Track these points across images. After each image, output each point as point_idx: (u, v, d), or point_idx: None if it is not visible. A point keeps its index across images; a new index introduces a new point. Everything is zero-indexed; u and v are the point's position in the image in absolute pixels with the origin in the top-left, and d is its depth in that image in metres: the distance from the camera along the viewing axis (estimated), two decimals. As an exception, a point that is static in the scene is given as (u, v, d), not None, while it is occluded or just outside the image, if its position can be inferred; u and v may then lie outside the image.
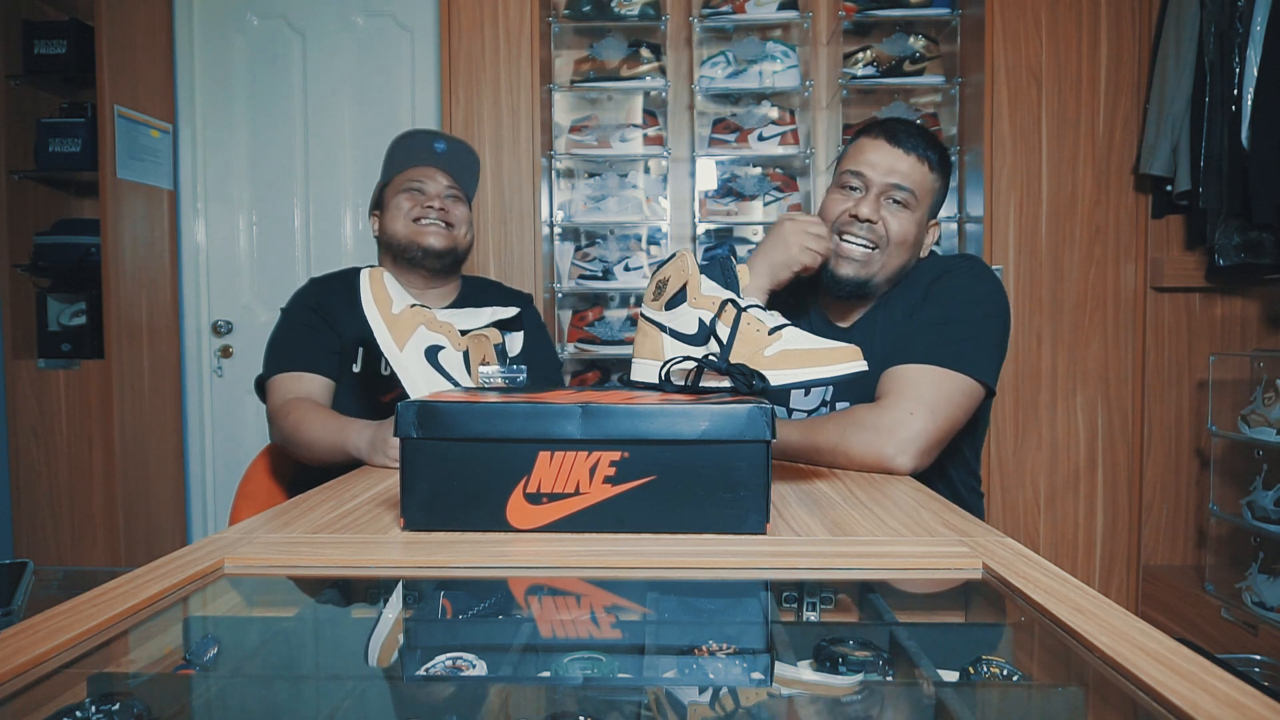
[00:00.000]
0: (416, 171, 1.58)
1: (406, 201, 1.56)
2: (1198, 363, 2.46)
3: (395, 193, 1.57)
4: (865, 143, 1.34)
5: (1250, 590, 2.06)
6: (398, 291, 1.20)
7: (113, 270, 2.58)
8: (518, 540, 0.78)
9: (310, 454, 1.35)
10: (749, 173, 2.61)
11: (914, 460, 1.15)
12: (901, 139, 1.31)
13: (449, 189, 1.59)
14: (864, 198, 1.31)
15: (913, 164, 1.30)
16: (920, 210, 1.32)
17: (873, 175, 1.30)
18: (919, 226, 1.33)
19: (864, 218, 1.30)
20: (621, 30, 2.56)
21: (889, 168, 1.30)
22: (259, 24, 2.93)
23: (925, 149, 1.31)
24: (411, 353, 1.14)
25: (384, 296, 1.17)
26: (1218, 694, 0.45)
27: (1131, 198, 2.40)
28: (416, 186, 1.57)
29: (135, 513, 2.68)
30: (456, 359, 1.16)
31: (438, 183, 1.58)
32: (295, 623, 0.72)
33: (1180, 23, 2.27)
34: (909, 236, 1.31)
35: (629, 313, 2.64)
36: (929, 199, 1.33)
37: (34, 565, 1.28)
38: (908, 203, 1.30)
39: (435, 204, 1.55)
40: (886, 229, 1.30)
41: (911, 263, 1.36)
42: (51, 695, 0.51)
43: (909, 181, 1.30)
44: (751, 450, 0.79)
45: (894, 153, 1.30)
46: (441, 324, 1.16)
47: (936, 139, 1.35)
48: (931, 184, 1.32)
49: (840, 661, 0.56)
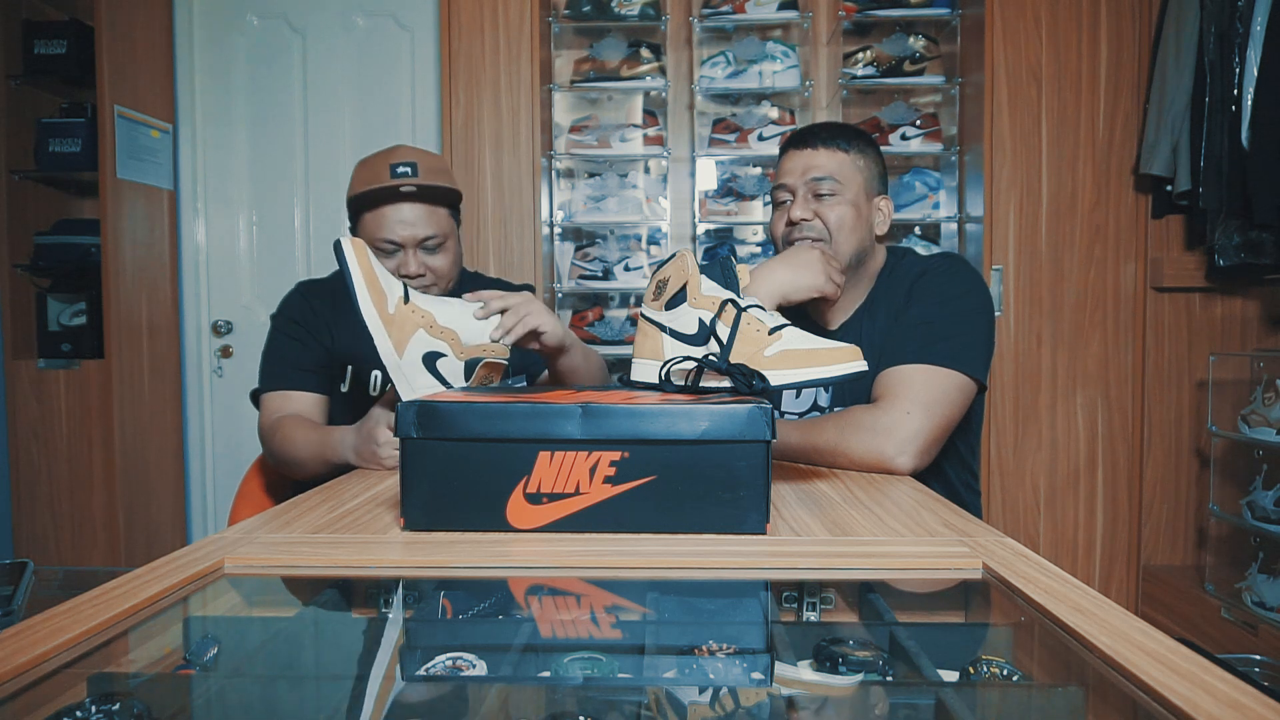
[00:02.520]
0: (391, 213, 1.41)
1: (384, 262, 1.42)
2: (1198, 363, 2.46)
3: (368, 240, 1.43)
4: (783, 159, 1.41)
5: (1250, 590, 2.06)
6: (384, 274, 1.13)
7: (113, 270, 2.58)
8: (518, 540, 0.78)
9: (302, 471, 1.34)
10: (749, 173, 2.61)
11: (914, 460, 1.16)
12: (808, 139, 1.38)
13: (425, 240, 1.43)
14: (793, 203, 1.37)
15: (825, 155, 1.36)
16: (850, 192, 1.36)
17: (793, 181, 1.38)
18: (855, 208, 1.37)
19: (797, 219, 1.36)
20: (621, 30, 2.56)
21: (804, 168, 1.37)
22: (259, 24, 2.93)
23: (834, 138, 1.37)
24: (410, 359, 1.12)
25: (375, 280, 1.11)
26: (1218, 694, 0.45)
27: (1131, 198, 2.40)
28: (388, 247, 1.42)
29: (135, 513, 2.68)
30: (457, 368, 1.14)
31: (413, 233, 1.42)
32: (295, 623, 0.72)
33: (1180, 23, 2.27)
34: (846, 219, 1.36)
35: (629, 313, 2.64)
36: (857, 178, 1.37)
37: (34, 565, 1.28)
38: (834, 190, 1.35)
39: (411, 270, 1.42)
40: (824, 221, 1.35)
41: (869, 242, 1.39)
42: (51, 695, 0.51)
43: (825, 171, 1.35)
44: (751, 450, 0.79)
45: (804, 154, 1.37)
46: (443, 330, 1.13)
47: (845, 126, 1.42)
48: (853, 164, 1.37)
49: (840, 661, 0.56)
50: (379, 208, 1.42)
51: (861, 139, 1.40)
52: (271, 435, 1.39)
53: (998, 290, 2.38)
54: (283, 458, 1.37)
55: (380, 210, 1.42)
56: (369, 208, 1.43)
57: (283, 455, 1.37)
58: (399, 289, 1.13)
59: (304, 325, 1.48)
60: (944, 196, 2.57)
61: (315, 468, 1.31)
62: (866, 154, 1.39)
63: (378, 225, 1.42)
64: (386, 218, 1.41)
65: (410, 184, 1.40)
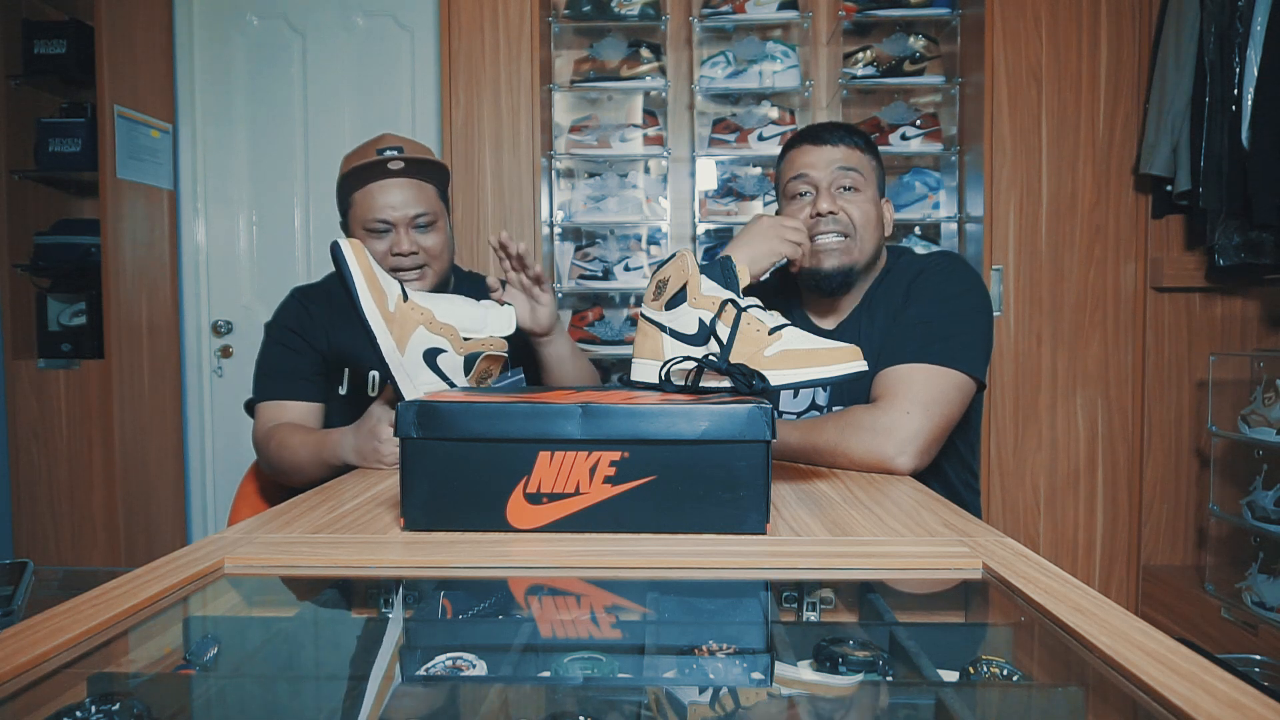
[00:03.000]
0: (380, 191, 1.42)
1: (376, 244, 1.43)
2: (1198, 363, 2.46)
3: (359, 223, 1.44)
4: (796, 153, 1.41)
5: (1250, 590, 2.06)
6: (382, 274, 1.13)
7: (113, 270, 2.58)
8: (518, 540, 0.78)
9: (300, 476, 1.33)
10: (749, 173, 2.61)
11: (914, 459, 1.16)
12: (825, 136, 1.39)
13: (417, 218, 1.44)
14: (818, 196, 1.38)
15: (846, 151, 1.38)
16: (870, 189, 1.39)
17: (816, 174, 1.38)
18: (875, 205, 1.39)
19: (826, 211, 1.36)
20: (621, 30, 2.56)
21: (827, 161, 1.37)
22: (259, 24, 2.93)
23: (849, 136, 1.39)
24: (412, 356, 1.13)
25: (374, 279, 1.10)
26: (1218, 694, 0.45)
27: (1131, 198, 2.40)
28: (380, 226, 1.43)
29: (135, 513, 2.68)
30: (457, 363, 1.14)
31: (404, 211, 1.42)
32: (295, 623, 0.72)
33: (1180, 23, 2.27)
34: (870, 216, 1.38)
35: (629, 313, 2.64)
36: (873, 176, 1.40)
37: (34, 565, 1.28)
38: (857, 184, 1.37)
39: (404, 248, 1.42)
40: (850, 216, 1.36)
41: (880, 243, 1.41)
42: (51, 695, 0.51)
43: (850, 163, 1.37)
44: (751, 450, 0.79)
45: (824, 149, 1.38)
46: (442, 325, 1.13)
47: (853, 126, 1.44)
48: (869, 163, 1.40)
49: (840, 661, 0.56)
50: (367, 185, 1.43)
51: (869, 141, 1.42)
52: (267, 443, 1.38)
53: (998, 290, 2.38)
54: (279, 465, 1.36)
55: (369, 189, 1.43)
56: (358, 186, 1.44)
57: (279, 462, 1.36)
58: (397, 287, 1.13)
59: (300, 333, 1.47)
60: (944, 196, 2.57)
61: (314, 471, 1.30)
62: (876, 157, 1.42)
63: (368, 206, 1.43)
64: (376, 197, 1.42)
65: (398, 159, 1.41)
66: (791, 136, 1.46)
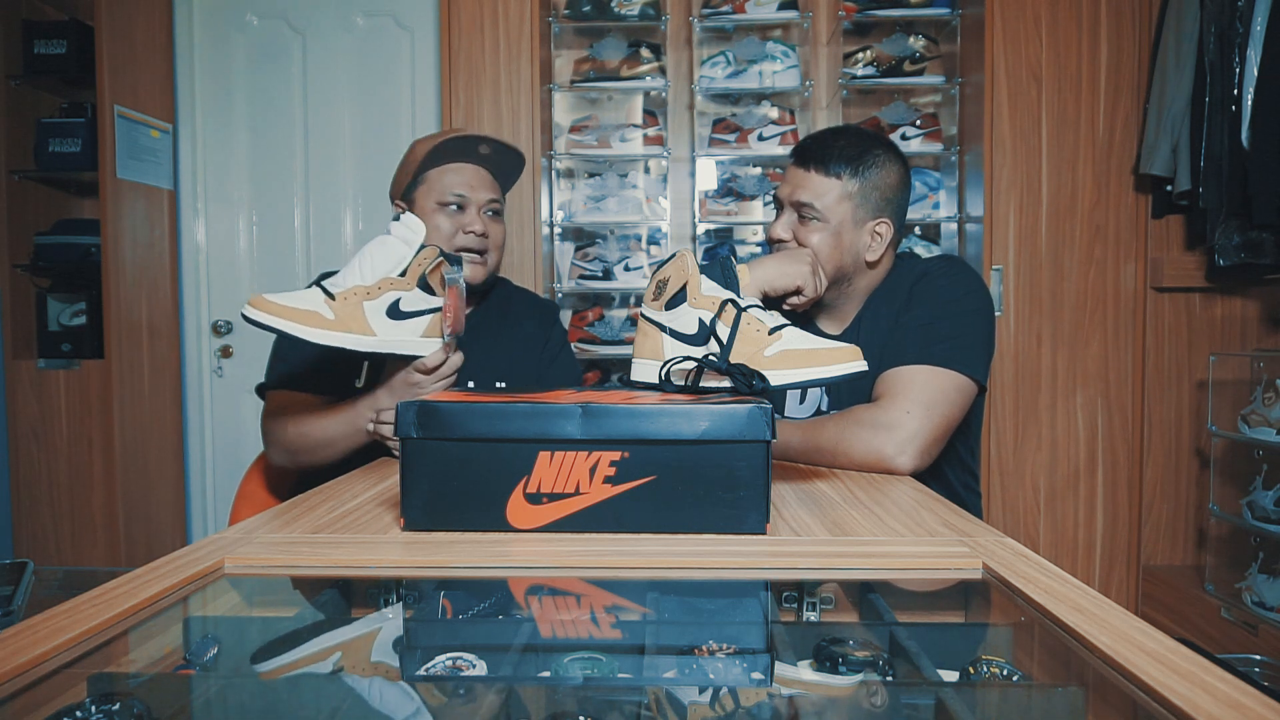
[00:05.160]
0: (457, 173, 1.47)
1: (446, 221, 1.45)
2: (1198, 363, 2.46)
3: (431, 197, 1.46)
4: (789, 164, 1.41)
5: (1250, 590, 2.06)
6: (293, 298, 1.07)
7: (113, 270, 2.58)
8: (518, 540, 0.78)
9: (331, 451, 1.32)
10: (749, 173, 2.61)
11: (914, 460, 1.16)
12: (808, 158, 1.35)
13: (490, 203, 1.49)
14: (778, 220, 1.39)
15: (817, 181, 1.34)
16: (834, 221, 1.34)
17: (784, 198, 1.38)
18: (835, 236, 1.35)
19: (776, 238, 1.38)
20: (621, 30, 2.56)
21: (794, 188, 1.36)
22: (259, 24, 2.93)
23: (834, 161, 1.33)
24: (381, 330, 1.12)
25: (294, 311, 1.05)
26: (1218, 694, 0.45)
27: (1131, 198, 2.39)
28: (457, 200, 1.46)
29: (135, 513, 2.68)
30: (415, 295, 1.14)
31: (479, 194, 1.47)
32: (295, 623, 0.72)
33: (1180, 23, 2.27)
34: (824, 247, 1.35)
35: (629, 313, 2.64)
36: (845, 206, 1.34)
37: (34, 565, 1.28)
38: (818, 217, 1.34)
39: (476, 228, 1.45)
40: (801, 244, 1.36)
41: (851, 269, 1.38)
42: (51, 695, 0.51)
43: (810, 196, 1.34)
44: (751, 450, 0.79)
45: (799, 173, 1.36)
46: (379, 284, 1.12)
47: (854, 143, 1.35)
48: (845, 191, 1.34)
49: (840, 661, 0.56)
50: (452, 164, 1.47)
51: (868, 157, 1.34)
52: (283, 428, 1.35)
53: (998, 290, 2.38)
54: (296, 441, 1.34)
55: (452, 167, 1.47)
56: (439, 163, 1.47)
57: (296, 438, 1.33)
58: (317, 294, 1.10)
59: None
60: (944, 196, 2.57)
61: (341, 439, 1.29)
62: (869, 176, 1.34)
63: (448, 182, 1.46)
64: (457, 175, 1.47)
65: (487, 145, 1.48)
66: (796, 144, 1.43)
